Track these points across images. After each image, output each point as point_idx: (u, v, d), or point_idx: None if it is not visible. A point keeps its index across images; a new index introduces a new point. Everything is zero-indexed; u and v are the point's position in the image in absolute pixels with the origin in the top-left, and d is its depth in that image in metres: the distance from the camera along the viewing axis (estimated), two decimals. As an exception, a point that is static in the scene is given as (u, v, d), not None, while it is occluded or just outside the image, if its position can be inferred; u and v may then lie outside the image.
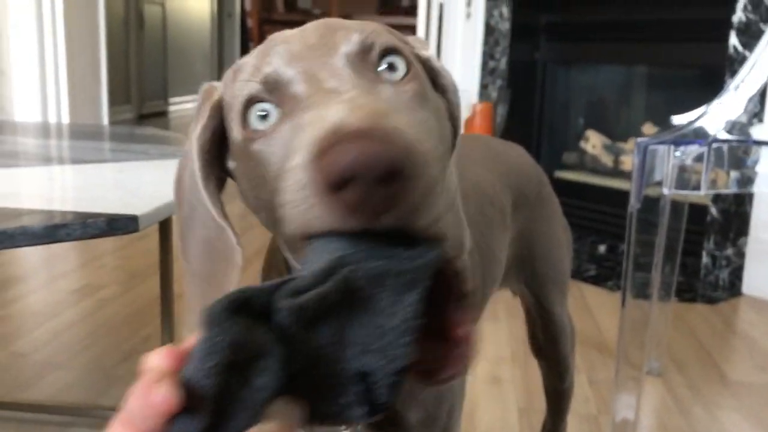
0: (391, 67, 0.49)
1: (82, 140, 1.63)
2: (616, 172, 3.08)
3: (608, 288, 2.55)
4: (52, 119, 3.94)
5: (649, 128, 3.06)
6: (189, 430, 0.32)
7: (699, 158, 1.21)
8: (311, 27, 0.52)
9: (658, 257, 1.34)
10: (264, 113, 0.48)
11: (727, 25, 2.45)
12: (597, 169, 3.16)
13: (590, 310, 2.35)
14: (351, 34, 0.49)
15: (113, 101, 4.86)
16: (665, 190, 1.19)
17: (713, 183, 1.28)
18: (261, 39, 4.51)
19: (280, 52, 0.49)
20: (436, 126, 0.49)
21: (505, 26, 3.30)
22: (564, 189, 3.23)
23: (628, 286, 1.37)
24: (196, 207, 0.55)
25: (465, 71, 3.50)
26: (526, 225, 0.98)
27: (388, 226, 0.39)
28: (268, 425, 0.33)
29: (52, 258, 2.67)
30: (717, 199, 2.50)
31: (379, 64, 0.49)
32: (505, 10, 3.29)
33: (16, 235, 0.64)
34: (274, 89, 0.48)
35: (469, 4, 3.46)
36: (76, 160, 1.32)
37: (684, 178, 1.24)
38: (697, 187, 1.19)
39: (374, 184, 0.37)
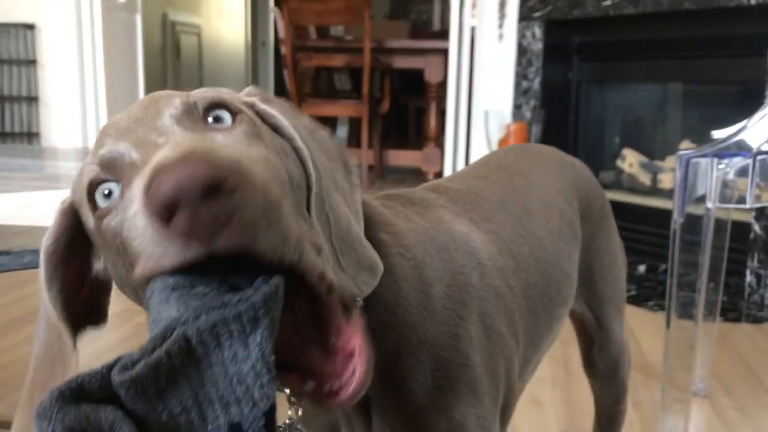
0: (218, 119, 0.51)
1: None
2: (654, 191, 3.03)
3: (649, 308, 2.51)
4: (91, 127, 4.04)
5: (686, 146, 3.01)
6: None
7: (743, 172, 1.18)
8: (136, 104, 0.54)
9: (703, 276, 1.31)
10: (107, 191, 0.49)
11: (766, 39, 2.41)
12: (634, 188, 3.12)
13: (631, 331, 2.30)
14: (173, 99, 0.52)
15: (151, 129, 4.95)
16: (709, 204, 1.17)
17: (757, 197, 1.25)
18: (294, 66, 4.57)
19: (110, 133, 0.51)
20: (275, 159, 0.49)
21: (537, 47, 3.30)
22: (601, 209, 3.20)
23: (672, 306, 1.34)
24: (43, 313, 0.56)
25: (498, 92, 3.49)
26: (588, 240, 0.95)
27: (229, 248, 0.39)
28: None
29: (91, 283, 2.71)
30: (760, 216, 2.44)
31: (206, 117, 0.51)
32: (538, 31, 3.28)
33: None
34: (111, 167, 0.49)
35: (501, 25, 3.47)
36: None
37: (727, 193, 1.21)
38: (741, 201, 1.16)
39: (199, 203, 0.38)
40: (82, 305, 0.58)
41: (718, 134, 1.55)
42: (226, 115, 0.51)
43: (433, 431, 0.59)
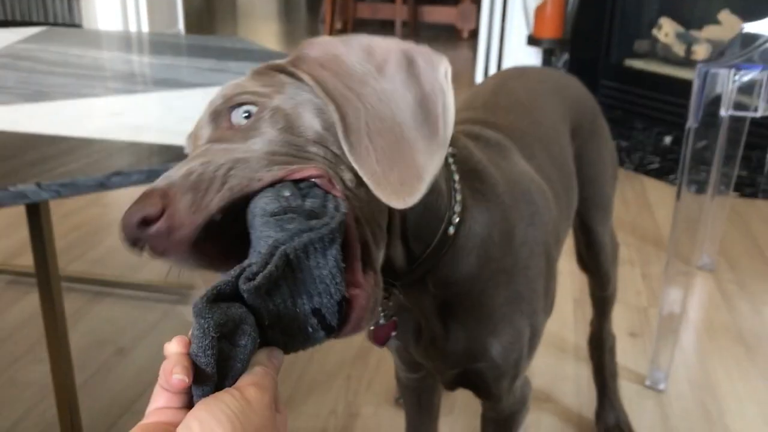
0: (246, 112, 0.58)
1: (180, 57, 1.61)
2: (687, 62, 3.04)
3: (670, 182, 2.57)
4: (132, 28, 4.12)
5: (725, 16, 2.98)
6: (205, 391, 0.47)
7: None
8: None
9: (717, 156, 1.34)
10: None
11: None
12: (668, 58, 3.12)
13: (649, 205, 2.38)
14: (216, 94, 0.60)
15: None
16: (723, 112, 1.26)
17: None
18: None
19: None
20: (279, 136, 0.56)
21: None
22: (633, 78, 3.21)
23: (684, 179, 1.40)
24: None
25: (537, -45, 3.42)
26: (578, 153, 1.08)
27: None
28: (255, 368, 0.48)
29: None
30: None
31: (230, 115, 0.58)
32: None
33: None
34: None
35: None
36: (180, 84, 1.28)
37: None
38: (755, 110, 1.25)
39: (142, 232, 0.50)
40: None
41: (748, 27, 1.59)
42: (251, 109, 0.58)
43: (498, 335, 0.76)
